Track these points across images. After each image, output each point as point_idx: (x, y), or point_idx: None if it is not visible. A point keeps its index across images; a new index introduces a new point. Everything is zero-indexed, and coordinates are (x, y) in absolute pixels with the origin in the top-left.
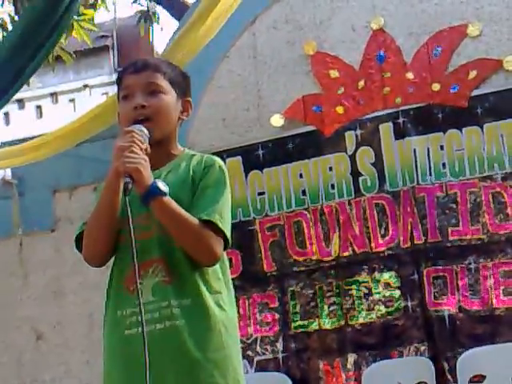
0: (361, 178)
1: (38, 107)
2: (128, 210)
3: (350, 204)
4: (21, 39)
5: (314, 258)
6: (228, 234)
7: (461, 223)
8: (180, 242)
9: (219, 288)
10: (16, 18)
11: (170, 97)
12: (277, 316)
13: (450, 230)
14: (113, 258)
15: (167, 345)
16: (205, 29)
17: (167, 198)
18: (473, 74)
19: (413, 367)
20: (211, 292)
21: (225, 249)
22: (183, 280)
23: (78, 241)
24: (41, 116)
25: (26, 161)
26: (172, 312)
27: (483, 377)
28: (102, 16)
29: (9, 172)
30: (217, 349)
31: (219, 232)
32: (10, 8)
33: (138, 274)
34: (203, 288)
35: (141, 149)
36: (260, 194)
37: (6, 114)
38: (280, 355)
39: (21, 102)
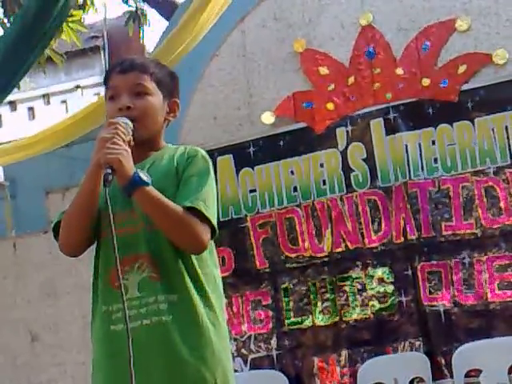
0: (352, 174)
1: (30, 109)
2: (108, 200)
3: (341, 200)
4: (13, 45)
5: (307, 254)
6: (214, 221)
7: (454, 218)
8: (165, 231)
9: (207, 283)
10: (6, 20)
11: (156, 98)
12: (270, 313)
13: (443, 224)
14: (94, 251)
15: (153, 340)
16: (196, 29)
17: (150, 188)
18: (462, 68)
19: (409, 363)
20: (199, 287)
21: (212, 237)
22: (170, 275)
23: (57, 229)
24: (33, 117)
25: (16, 159)
26: (159, 308)
27: (479, 371)
28: (92, 17)
29: (1, 174)
30: (203, 345)
31: (204, 219)
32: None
33: (123, 270)
34: (190, 284)
35: (124, 141)
36: (251, 191)
37: None
38: (274, 352)
39: (13, 104)
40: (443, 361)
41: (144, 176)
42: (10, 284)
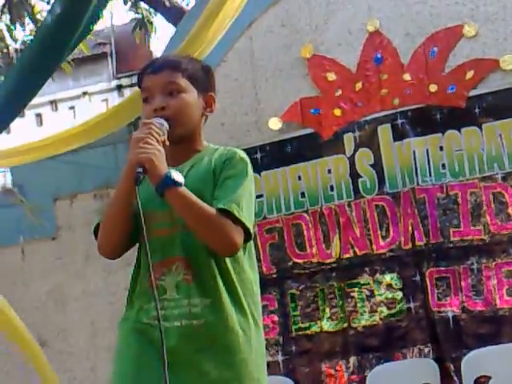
0: (360, 180)
1: (38, 115)
2: (138, 200)
3: (349, 206)
4: (30, 68)
5: (315, 260)
6: (248, 223)
7: (462, 224)
8: (197, 232)
9: (242, 289)
10: (12, 27)
11: (190, 95)
12: (276, 318)
13: (451, 230)
14: (137, 251)
15: (181, 343)
16: (211, 33)
17: (182, 188)
18: (470, 74)
19: (417, 369)
20: (232, 292)
21: (247, 240)
22: (204, 279)
23: (97, 232)
24: (41, 124)
25: (24, 160)
26: (190, 311)
27: (488, 377)
28: (99, 23)
29: (9, 180)
30: (232, 351)
31: (237, 222)
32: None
33: (161, 271)
34: (223, 288)
35: (157, 140)
36: (258, 196)
37: None
38: (281, 358)
39: (21, 111)
40: (452, 367)
41: (176, 176)
42: (19, 290)
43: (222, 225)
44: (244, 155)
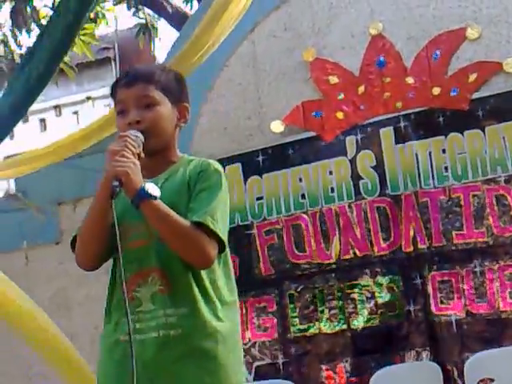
0: (361, 182)
1: (42, 120)
2: (114, 213)
3: (350, 207)
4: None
5: (314, 261)
6: (222, 235)
7: (465, 227)
8: (171, 245)
9: (219, 297)
10: (18, 32)
11: (164, 107)
12: (275, 320)
13: (454, 233)
14: (112, 264)
15: (160, 353)
16: (213, 37)
17: (157, 201)
18: (473, 76)
19: (420, 372)
20: (209, 301)
21: (221, 251)
22: (180, 289)
23: (75, 243)
24: (45, 129)
25: (27, 170)
26: (167, 321)
27: (491, 380)
28: (103, 28)
29: (13, 186)
30: (210, 357)
31: (212, 234)
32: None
33: (137, 282)
34: (200, 298)
35: (133, 153)
36: (258, 198)
37: None
38: (280, 360)
39: (24, 116)
40: (455, 370)
41: (151, 189)
42: None
43: (196, 238)
44: (218, 166)
